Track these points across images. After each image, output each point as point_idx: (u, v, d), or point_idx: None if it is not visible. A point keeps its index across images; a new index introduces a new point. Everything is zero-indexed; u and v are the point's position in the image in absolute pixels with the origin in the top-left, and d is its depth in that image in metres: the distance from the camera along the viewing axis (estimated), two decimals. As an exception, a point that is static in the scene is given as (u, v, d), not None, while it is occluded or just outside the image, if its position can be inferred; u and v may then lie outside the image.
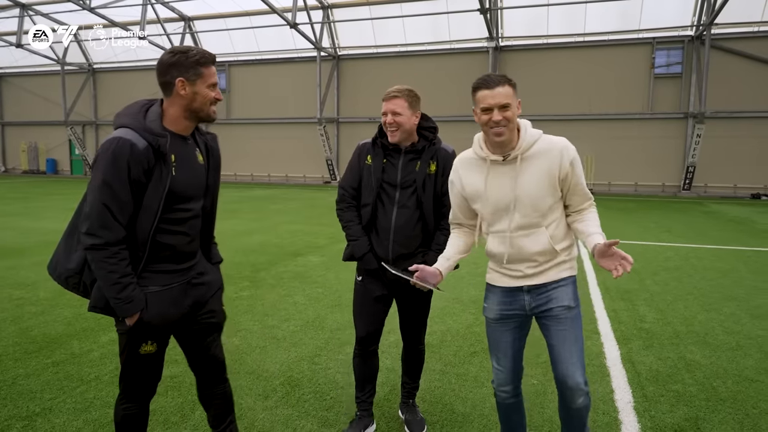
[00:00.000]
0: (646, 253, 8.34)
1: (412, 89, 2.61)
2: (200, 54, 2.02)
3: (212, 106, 2.07)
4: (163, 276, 2.05)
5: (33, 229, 10.24)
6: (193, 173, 2.10)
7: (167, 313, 2.05)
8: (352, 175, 2.74)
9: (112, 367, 3.69)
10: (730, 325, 4.73)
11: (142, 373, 2.11)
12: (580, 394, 2.14)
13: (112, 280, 1.90)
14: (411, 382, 2.99)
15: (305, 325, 4.67)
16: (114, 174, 1.88)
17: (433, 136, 2.69)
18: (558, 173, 2.10)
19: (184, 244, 2.08)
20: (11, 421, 2.94)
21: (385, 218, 2.65)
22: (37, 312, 4.93)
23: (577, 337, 2.18)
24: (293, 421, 3.00)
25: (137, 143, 1.90)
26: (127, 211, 1.92)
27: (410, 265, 2.46)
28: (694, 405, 3.21)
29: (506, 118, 2.05)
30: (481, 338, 4.37)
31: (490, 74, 2.11)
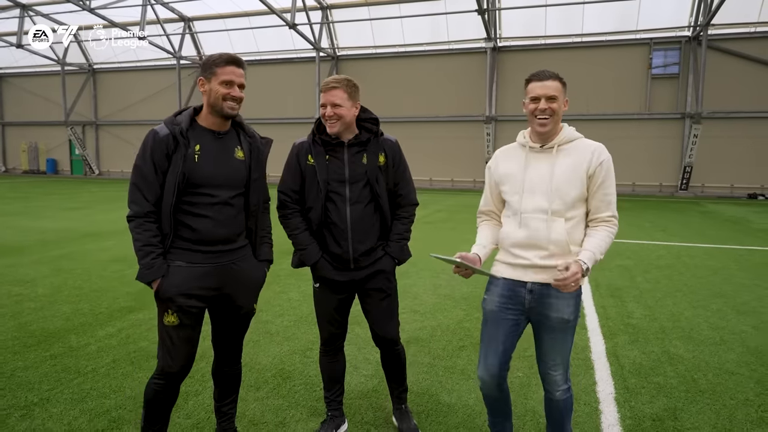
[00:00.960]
0: (639, 251, 8.43)
1: (350, 79, 2.54)
2: (219, 56, 2.26)
3: (226, 102, 2.25)
4: (190, 254, 2.27)
5: (32, 228, 10.34)
6: (223, 164, 2.29)
7: (185, 288, 2.24)
8: (292, 177, 2.59)
9: (109, 360, 3.79)
10: (715, 321, 4.82)
11: (168, 345, 2.30)
12: (557, 388, 2.33)
13: (137, 246, 2.22)
14: (397, 386, 2.86)
15: (298, 321, 4.77)
16: (141, 158, 2.23)
17: (376, 128, 2.60)
18: (587, 169, 2.20)
19: (210, 228, 2.27)
20: (10, 410, 3.03)
21: (339, 217, 2.54)
22: (36, 308, 5.03)
23: (564, 343, 2.29)
24: (283, 410, 3.10)
25: (160, 132, 2.23)
26: (152, 190, 2.22)
27: (372, 260, 2.58)
28: (674, 396, 3.30)
29: (551, 109, 2.20)
30: (470, 333, 4.46)
31: (543, 69, 2.27)
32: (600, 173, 2.20)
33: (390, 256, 2.64)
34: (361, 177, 2.53)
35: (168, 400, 2.40)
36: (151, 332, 4.38)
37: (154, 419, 2.39)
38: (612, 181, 2.24)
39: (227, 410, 2.63)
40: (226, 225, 2.31)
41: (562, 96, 2.23)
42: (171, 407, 2.44)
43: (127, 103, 30.84)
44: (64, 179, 28.94)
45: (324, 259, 2.60)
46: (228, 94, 2.24)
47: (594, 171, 2.20)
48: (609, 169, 2.22)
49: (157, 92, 29.88)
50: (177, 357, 2.32)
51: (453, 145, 24.09)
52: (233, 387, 2.64)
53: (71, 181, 26.94)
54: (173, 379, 2.36)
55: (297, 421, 2.98)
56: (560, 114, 2.24)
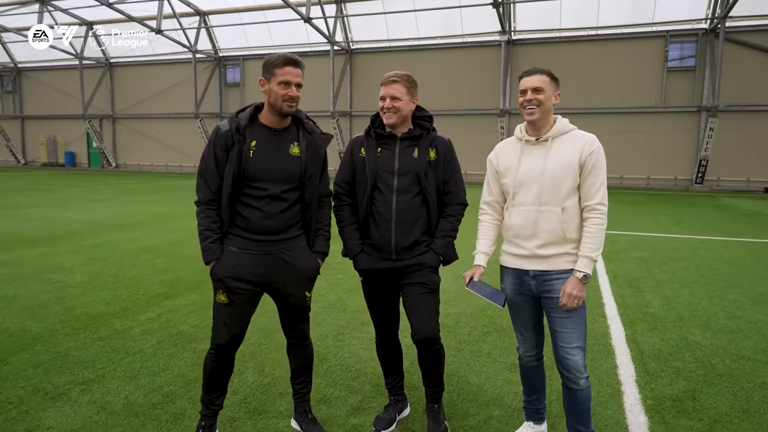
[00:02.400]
0: (655, 244, 8.53)
1: (410, 75, 2.62)
2: (276, 57, 2.42)
3: (285, 102, 2.42)
4: (242, 240, 2.47)
5: (60, 219, 10.66)
6: (277, 161, 2.46)
7: (234, 271, 2.45)
8: (344, 170, 2.73)
9: (154, 342, 4.02)
10: (732, 311, 4.95)
11: (219, 320, 2.54)
12: (580, 375, 2.37)
13: (199, 230, 2.48)
14: (433, 385, 2.78)
15: (327, 307, 4.97)
16: (207, 150, 2.47)
17: (430, 125, 2.69)
18: (579, 158, 2.33)
19: (258, 218, 2.45)
20: (71, 385, 3.27)
21: (384, 207, 2.61)
22: (77, 294, 5.29)
23: (578, 323, 2.37)
24: (323, 388, 3.30)
25: (222, 128, 2.46)
26: (214, 180, 2.46)
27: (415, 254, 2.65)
28: (693, 379, 3.46)
29: (537, 99, 2.37)
30: (493, 320, 4.63)
31: (534, 67, 2.45)
32: (590, 161, 2.33)
33: (434, 252, 2.67)
34: (410, 169, 2.60)
35: (224, 371, 2.61)
36: (190, 317, 4.61)
37: (213, 388, 2.61)
38: (601, 169, 2.35)
39: (299, 389, 2.81)
40: (274, 217, 2.47)
41: (550, 89, 2.37)
42: (227, 377, 2.65)
43: (143, 97, 31.23)
44: (83, 172, 29.44)
45: (364, 252, 2.71)
46: (286, 94, 2.40)
47: (585, 160, 2.33)
48: (599, 158, 2.34)
49: (173, 86, 30.21)
50: (227, 331, 2.53)
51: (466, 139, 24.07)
52: (303, 367, 2.80)
53: (90, 174, 27.42)
54: (224, 351, 2.57)
55: (336, 398, 3.18)
56: (548, 105, 2.37)
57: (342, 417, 2.96)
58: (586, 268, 2.32)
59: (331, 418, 2.93)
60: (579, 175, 2.36)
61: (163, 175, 27.31)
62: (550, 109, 2.41)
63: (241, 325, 2.58)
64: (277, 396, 3.18)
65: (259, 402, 3.11)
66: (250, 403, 3.09)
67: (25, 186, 18.98)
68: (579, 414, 2.42)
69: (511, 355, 3.83)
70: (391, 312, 2.84)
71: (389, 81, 2.58)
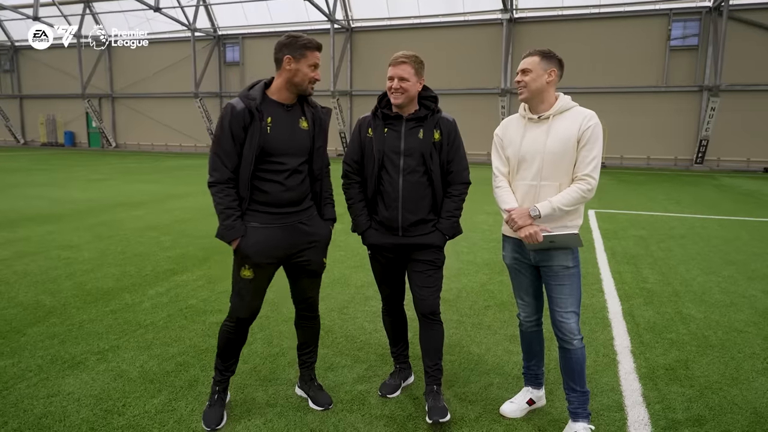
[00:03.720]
0: (653, 222, 8.64)
1: (417, 55, 2.66)
2: (308, 40, 2.49)
3: (310, 84, 2.53)
4: (263, 215, 2.55)
5: (63, 198, 10.75)
6: (291, 135, 2.55)
7: (261, 246, 2.55)
8: (353, 148, 2.81)
9: (164, 315, 4.14)
10: (726, 286, 5.07)
11: (241, 294, 2.64)
12: (573, 336, 2.50)
13: (219, 209, 2.50)
14: (432, 363, 2.80)
15: (332, 283, 5.10)
16: (220, 130, 2.48)
17: (435, 106, 2.73)
18: (577, 134, 2.40)
19: (280, 192, 2.54)
20: (87, 355, 3.40)
21: (391, 186, 2.69)
22: (87, 269, 5.40)
23: (572, 290, 2.49)
24: (330, 358, 3.43)
25: (237, 106, 2.46)
26: (231, 159, 2.48)
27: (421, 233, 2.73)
28: (686, 350, 3.59)
29: (524, 81, 2.47)
30: (494, 295, 4.76)
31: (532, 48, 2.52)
32: (586, 135, 2.39)
33: (440, 232, 2.76)
34: (415, 150, 2.66)
35: (239, 341, 2.73)
36: (198, 292, 4.74)
37: (227, 356, 2.73)
38: (596, 144, 2.40)
39: (306, 358, 2.93)
40: (293, 189, 2.57)
41: (539, 68, 2.44)
42: (241, 347, 2.77)
43: (142, 76, 31.07)
44: (83, 151, 29.43)
45: (373, 228, 2.81)
46: (314, 77, 2.51)
47: (581, 134, 2.39)
48: (594, 133, 2.39)
49: (172, 64, 30.03)
50: (248, 305, 2.65)
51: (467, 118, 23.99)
52: (311, 338, 2.92)
53: (90, 154, 27.42)
54: (243, 323, 2.68)
55: (342, 367, 3.31)
56: (536, 85, 2.45)
57: (349, 384, 3.09)
58: (543, 208, 2.40)
59: (338, 385, 3.06)
60: (576, 149, 2.43)
61: (164, 155, 27.32)
62: (542, 89, 2.47)
63: (261, 299, 2.69)
64: (285, 365, 3.31)
65: (269, 370, 3.24)
66: (260, 371, 3.22)
67: (25, 166, 19.02)
68: (573, 373, 2.54)
69: (510, 328, 3.96)
70: (397, 283, 2.96)
71: (398, 61, 2.62)
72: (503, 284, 5.07)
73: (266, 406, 2.83)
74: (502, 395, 2.95)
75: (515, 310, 4.27)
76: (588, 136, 2.40)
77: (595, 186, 2.41)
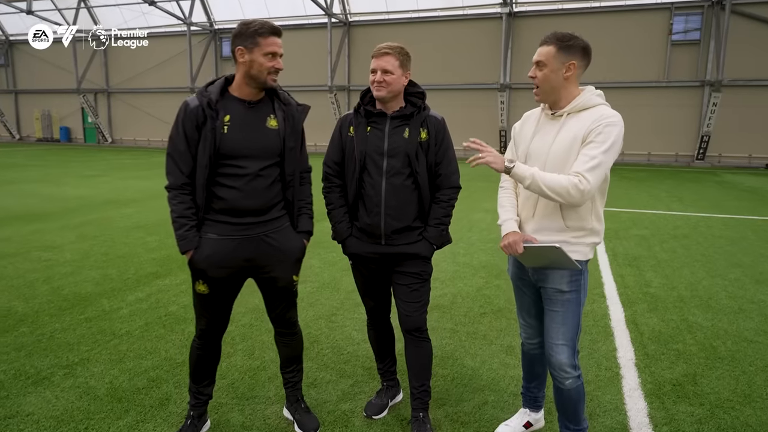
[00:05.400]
0: (656, 221, 8.41)
1: (403, 47, 2.43)
2: (260, 25, 2.19)
3: (270, 74, 2.23)
4: (221, 226, 2.30)
5: (54, 195, 10.51)
6: (253, 135, 2.27)
7: (215, 260, 2.29)
8: (333, 149, 2.57)
9: (141, 323, 3.92)
10: (733, 290, 4.85)
11: (200, 310, 2.42)
12: (565, 375, 2.17)
13: (172, 218, 2.28)
14: (419, 384, 2.58)
15: (321, 287, 4.87)
16: (174, 129, 2.26)
17: (421, 102, 2.50)
18: (584, 135, 2.04)
19: (238, 199, 2.26)
20: (54, 369, 3.17)
21: (374, 190, 2.45)
22: (66, 273, 5.18)
23: (565, 319, 2.16)
24: (313, 372, 3.21)
25: (191, 103, 2.23)
26: (185, 162, 2.25)
27: (407, 242, 2.49)
28: (693, 362, 3.37)
29: (537, 78, 2.13)
30: (490, 300, 4.54)
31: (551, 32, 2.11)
32: (593, 134, 2.01)
33: (427, 241, 2.52)
34: (400, 150, 2.43)
35: (211, 358, 2.50)
36: (180, 297, 4.51)
37: (200, 377, 2.50)
38: (602, 146, 1.99)
39: (290, 378, 2.67)
40: (255, 197, 2.28)
41: (556, 62, 2.07)
42: (215, 365, 2.55)
43: (138, 71, 30.73)
44: (78, 147, 29.14)
45: (353, 236, 2.57)
46: (272, 66, 2.21)
47: (588, 132, 2.03)
48: (605, 133, 2.00)
49: (168, 59, 29.70)
50: (209, 322, 2.42)
51: (466, 114, 23.81)
52: (293, 356, 2.65)
53: (85, 149, 27.14)
54: (209, 339, 2.46)
55: (327, 382, 3.09)
56: (552, 83, 2.10)
57: (332, 403, 2.87)
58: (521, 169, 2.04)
59: (321, 404, 2.84)
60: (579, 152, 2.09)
61: (160, 151, 27.03)
62: (558, 86, 2.10)
63: (224, 313, 2.46)
64: (266, 380, 3.09)
65: (248, 387, 3.02)
66: (238, 388, 3.00)
67: (19, 162, 18.76)
68: (567, 411, 2.29)
69: (507, 337, 3.74)
70: (382, 295, 2.72)
71: (381, 53, 2.39)
72: (500, 288, 4.84)
73: (241, 428, 2.61)
74: (498, 416, 2.73)
75: (513, 317, 4.06)
76: (596, 134, 2.01)
77: (587, 189, 1.97)
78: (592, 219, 2.17)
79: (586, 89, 2.16)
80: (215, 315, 2.42)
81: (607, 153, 2.01)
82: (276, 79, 2.27)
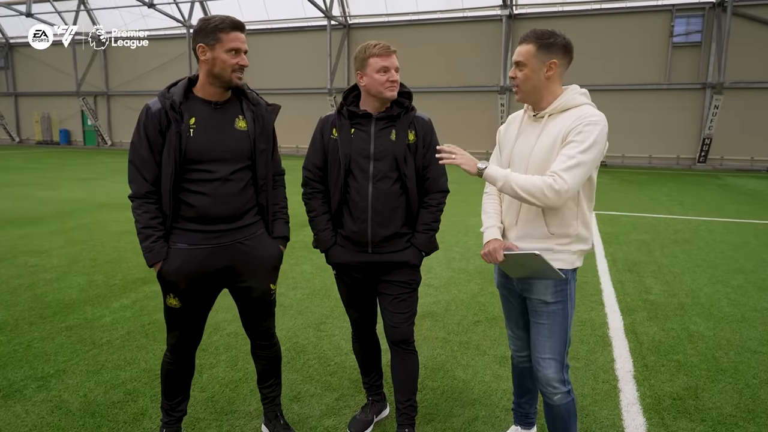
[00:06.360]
0: (656, 225, 8.27)
1: None
2: (221, 20, 2.07)
3: (235, 72, 2.10)
4: (191, 235, 2.16)
5: (49, 198, 10.40)
6: (221, 137, 2.14)
7: (185, 271, 2.15)
8: (314, 152, 2.43)
9: (123, 332, 3.79)
10: (736, 298, 4.71)
11: (171, 325, 2.29)
12: (553, 390, 2.08)
13: (137, 228, 2.15)
14: (405, 399, 2.46)
15: (312, 294, 4.74)
16: (136, 134, 2.13)
17: (408, 103, 2.40)
18: (564, 135, 1.93)
19: (208, 205, 2.13)
20: (27, 381, 3.05)
21: (359, 194, 2.33)
22: (51, 279, 5.05)
23: (552, 332, 2.06)
24: (297, 385, 3.08)
25: (153, 107, 2.11)
26: (149, 168, 2.12)
27: (394, 249, 2.37)
28: (695, 375, 3.24)
29: (517, 78, 2.02)
30: (485, 308, 4.41)
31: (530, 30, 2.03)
32: (573, 133, 1.89)
33: (416, 249, 2.41)
34: (387, 153, 2.31)
35: (183, 373, 2.38)
36: (165, 304, 4.38)
37: (173, 393, 2.38)
38: (582, 145, 1.87)
39: (268, 393, 2.54)
40: (226, 202, 2.15)
41: (536, 62, 1.96)
42: (188, 380, 2.42)
43: (138, 73, 30.67)
44: (78, 150, 29.06)
45: (338, 244, 2.44)
46: (236, 63, 2.08)
47: (568, 132, 1.91)
48: (585, 132, 1.87)
49: (168, 62, 29.61)
50: (182, 336, 2.30)
51: (466, 116, 23.69)
52: (271, 370, 2.52)
53: (84, 152, 27.05)
54: (182, 354, 2.34)
55: (311, 396, 2.96)
56: (532, 83, 1.99)
57: (315, 418, 2.73)
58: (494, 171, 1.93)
59: (303, 420, 2.71)
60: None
61: (159, 154, 26.90)
62: (539, 86, 2.00)
63: (197, 327, 2.33)
64: (248, 394, 2.96)
65: (228, 400, 2.89)
66: (218, 402, 2.87)
67: (17, 165, 18.66)
68: (556, 430, 2.16)
69: (501, 347, 3.60)
70: (367, 306, 2.59)
71: (390, 51, 2.27)
72: (495, 296, 4.71)
73: (217, 446, 2.48)
74: (488, 433, 2.60)
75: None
76: (575, 133, 1.89)
77: (564, 189, 1.83)
78: (578, 225, 2.03)
79: (569, 88, 2.04)
80: (188, 329, 2.29)
81: (586, 153, 1.87)
82: (242, 77, 2.14)
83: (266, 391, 2.55)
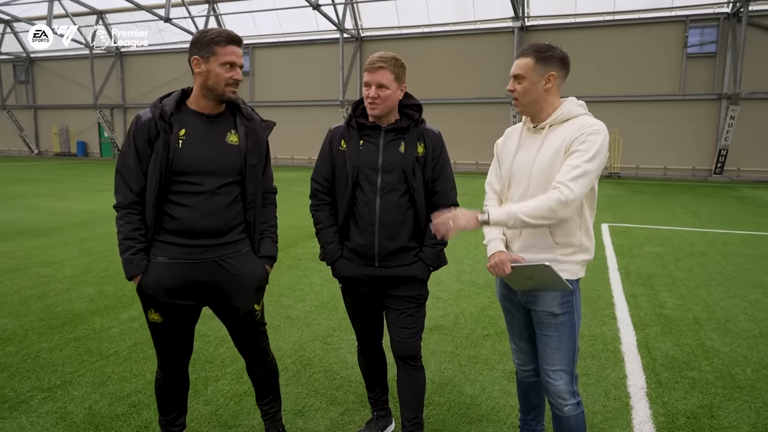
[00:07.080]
0: (671, 237, 8.14)
1: (398, 58, 2.28)
2: (217, 33, 2.05)
3: (228, 86, 2.08)
4: (173, 248, 2.11)
5: (62, 209, 10.54)
6: (212, 150, 2.11)
7: (164, 286, 2.09)
8: (323, 164, 2.42)
9: (131, 343, 3.79)
10: (753, 312, 4.60)
11: (157, 341, 2.25)
12: (563, 402, 2.06)
13: (119, 239, 2.09)
14: (411, 417, 2.44)
15: (320, 306, 4.72)
16: (125, 144, 2.11)
17: (418, 116, 2.37)
18: (568, 146, 1.92)
19: (194, 219, 2.08)
20: (33, 392, 3.05)
21: (367, 207, 2.31)
22: (62, 289, 5.09)
23: (560, 344, 2.05)
24: (302, 398, 3.04)
25: (143, 116, 2.09)
26: (136, 179, 2.08)
27: (401, 263, 2.34)
28: (710, 392, 3.14)
29: (516, 91, 2.03)
30: (494, 321, 4.34)
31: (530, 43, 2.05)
32: (576, 143, 1.90)
33: (424, 263, 2.38)
34: (396, 166, 2.28)
35: (177, 388, 2.35)
36: (173, 316, 4.38)
37: (169, 409, 2.35)
38: (587, 154, 1.87)
39: (267, 409, 2.50)
40: (211, 216, 2.10)
41: (534, 75, 1.99)
42: (184, 394, 2.39)
43: (153, 86, 31.14)
44: (94, 162, 29.51)
45: (345, 257, 2.41)
46: (231, 77, 2.06)
47: (572, 142, 1.91)
48: (589, 141, 1.88)
49: (183, 74, 30.02)
50: (168, 353, 2.26)
51: (478, 128, 23.67)
52: (268, 387, 2.48)
53: (100, 164, 27.46)
54: (172, 370, 2.30)
55: (316, 410, 2.92)
56: (531, 96, 2.01)
57: (319, 433, 2.70)
58: (497, 215, 1.90)
59: (307, 435, 2.68)
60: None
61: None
62: (539, 99, 2.02)
63: (183, 343, 2.28)
64: (252, 407, 2.92)
65: (232, 414, 2.86)
66: (221, 416, 2.84)
67: (34, 176, 18.98)
68: None
69: (510, 363, 3.54)
70: (373, 320, 2.56)
71: (375, 66, 2.23)
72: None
73: (220, 461, 2.45)
74: (495, 450, 2.54)
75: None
76: (579, 143, 1.89)
77: (571, 199, 1.84)
78: (581, 234, 2.02)
79: (567, 100, 2.05)
80: (174, 346, 2.24)
81: (591, 162, 1.88)
82: (235, 91, 2.12)
83: (265, 408, 2.51)
